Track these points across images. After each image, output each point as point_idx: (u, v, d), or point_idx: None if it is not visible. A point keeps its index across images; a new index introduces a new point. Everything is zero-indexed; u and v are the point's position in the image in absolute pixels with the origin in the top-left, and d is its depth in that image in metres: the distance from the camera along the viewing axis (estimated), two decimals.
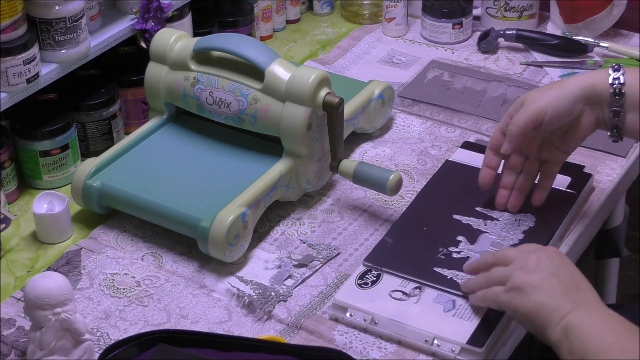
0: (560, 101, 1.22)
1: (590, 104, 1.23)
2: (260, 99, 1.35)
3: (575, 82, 1.24)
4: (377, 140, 1.55)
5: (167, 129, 1.46)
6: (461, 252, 1.26)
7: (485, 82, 1.68)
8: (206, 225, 1.26)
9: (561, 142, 1.28)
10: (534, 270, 1.09)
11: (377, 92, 1.52)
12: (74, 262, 1.32)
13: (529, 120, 1.23)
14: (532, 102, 1.23)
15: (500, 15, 1.81)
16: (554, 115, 1.23)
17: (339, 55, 1.78)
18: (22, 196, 1.45)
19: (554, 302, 1.07)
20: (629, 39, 1.80)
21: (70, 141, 1.45)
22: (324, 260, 1.31)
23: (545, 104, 1.22)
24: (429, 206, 1.36)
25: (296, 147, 1.35)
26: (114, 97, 1.51)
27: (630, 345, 1.01)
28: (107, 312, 1.24)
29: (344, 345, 1.18)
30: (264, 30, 1.83)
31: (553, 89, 1.24)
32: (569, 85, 1.23)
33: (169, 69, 1.42)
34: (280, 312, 1.23)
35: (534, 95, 1.24)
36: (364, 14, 1.88)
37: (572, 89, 1.23)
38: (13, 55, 1.33)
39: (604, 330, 1.04)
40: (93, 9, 1.47)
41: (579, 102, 1.23)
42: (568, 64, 1.73)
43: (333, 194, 1.44)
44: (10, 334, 1.21)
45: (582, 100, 1.23)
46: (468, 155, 1.45)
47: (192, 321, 1.22)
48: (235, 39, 1.39)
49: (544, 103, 1.23)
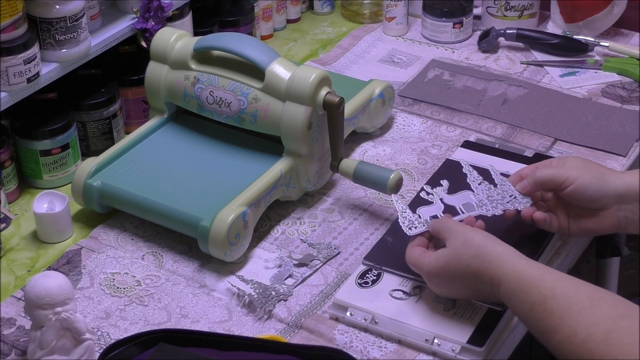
0: (592, 184, 1.20)
1: (624, 202, 1.20)
2: (261, 99, 1.35)
3: (619, 176, 1.21)
4: (378, 139, 1.55)
5: (167, 128, 1.46)
6: (431, 195, 1.25)
7: (486, 82, 1.68)
8: (207, 224, 1.26)
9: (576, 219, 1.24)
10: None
11: (378, 92, 1.52)
12: (74, 262, 1.32)
13: (552, 179, 1.22)
14: (570, 168, 1.22)
15: (501, 15, 1.81)
16: (578, 192, 1.20)
17: (340, 54, 1.78)
18: (23, 195, 1.45)
19: None
20: (630, 38, 1.80)
21: (70, 140, 1.45)
22: (325, 260, 1.31)
23: (577, 177, 1.20)
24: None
25: (296, 146, 1.35)
26: (115, 96, 1.51)
27: None
28: (107, 312, 1.24)
29: (345, 345, 1.18)
30: (265, 29, 1.83)
31: (595, 169, 1.22)
32: (612, 176, 1.21)
33: (170, 69, 1.42)
34: (280, 311, 1.23)
35: (576, 163, 1.23)
36: (364, 13, 1.88)
37: (613, 181, 1.20)
38: (13, 55, 1.33)
39: None
40: (93, 9, 1.47)
41: (612, 198, 1.20)
42: (568, 63, 1.73)
43: (333, 193, 1.44)
44: (11, 334, 1.21)
45: (615, 198, 1.20)
46: (468, 155, 1.44)
47: (193, 320, 1.22)
48: (235, 39, 1.39)
49: (577, 175, 1.20)
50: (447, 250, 1.14)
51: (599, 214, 1.22)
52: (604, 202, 1.21)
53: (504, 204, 1.25)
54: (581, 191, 1.21)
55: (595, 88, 1.67)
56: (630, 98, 1.63)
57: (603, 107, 1.61)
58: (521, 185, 1.25)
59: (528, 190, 1.25)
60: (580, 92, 1.66)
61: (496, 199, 1.26)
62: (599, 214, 1.22)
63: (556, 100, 1.63)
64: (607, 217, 1.22)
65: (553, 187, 1.23)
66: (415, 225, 1.21)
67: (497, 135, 1.55)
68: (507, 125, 1.57)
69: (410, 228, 1.21)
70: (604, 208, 1.21)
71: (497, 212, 1.25)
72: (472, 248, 1.12)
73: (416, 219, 1.22)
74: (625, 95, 1.64)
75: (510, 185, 1.26)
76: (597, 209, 1.22)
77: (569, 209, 1.25)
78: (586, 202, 1.22)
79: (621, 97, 1.64)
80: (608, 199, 1.21)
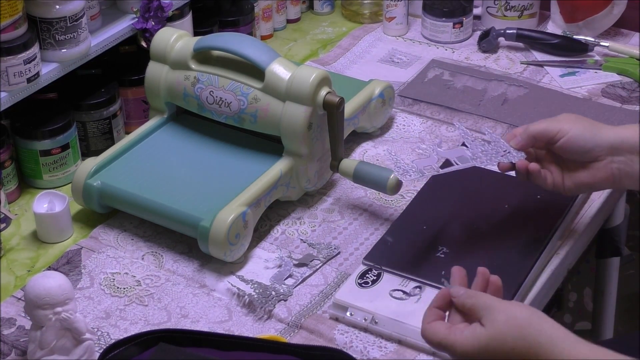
0: (584, 135, 1.21)
1: (617, 154, 1.20)
2: (261, 99, 1.35)
3: (611, 129, 1.22)
4: (378, 139, 1.55)
5: (167, 128, 1.46)
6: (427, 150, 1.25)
7: (486, 82, 1.68)
8: (206, 224, 1.26)
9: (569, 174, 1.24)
10: None
11: (378, 92, 1.52)
12: (74, 262, 1.32)
13: (545, 132, 1.22)
14: (562, 121, 1.22)
15: (501, 15, 1.81)
16: (571, 143, 1.21)
17: (340, 54, 1.78)
18: (23, 195, 1.45)
19: None
20: (630, 38, 1.80)
21: (70, 140, 1.45)
22: (325, 260, 1.31)
23: (569, 129, 1.21)
24: (429, 205, 1.36)
25: (296, 146, 1.35)
26: (115, 96, 1.51)
27: None
28: (107, 312, 1.24)
29: (345, 345, 1.18)
30: (265, 29, 1.83)
31: (588, 122, 1.22)
32: (604, 128, 1.22)
33: (170, 69, 1.42)
34: (280, 311, 1.23)
35: (568, 117, 1.23)
36: (364, 13, 1.88)
37: (605, 133, 1.21)
38: (13, 55, 1.33)
39: None
40: (93, 8, 1.47)
41: (604, 149, 1.20)
42: (568, 63, 1.73)
43: (333, 193, 1.44)
44: (11, 334, 1.21)
45: (608, 149, 1.20)
46: None
47: (193, 320, 1.22)
48: (235, 39, 1.39)
49: (569, 127, 1.21)
50: (487, 330, 1.00)
51: (593, 166, 1.22)
52: (596, 152, 1.21)
53: (498, 157, 1.25)
54: (573, 142, 1.21)
55: (595, 88, 1.67)
56: (630, 98, 1.63)
57: (603, 107, 1.61)
58: (515, 141, 1.24)
59: (521, 145, 1.24)
60: (580, 92, 1.66)
61: (490, 153, 1.25)
62: (593, 166, 1.22)
63: (556, 100, 1.63)
64: (601, 170, 1.21)
65: (546, 140, 1.22)
66: (409, 174, 1.21)
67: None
68: (507, 125, 1.57)
69: (404, 175, 1.21)
70: (596, 160, 1.21)
71: (491, 163, 1.24)
72: (517, 328, 0.99)
73: (411, 167, 1.22)
74: (625, 95, 1.64)
75: (504, 142, 1.25)
76: (590, 162, 1.22)
77: (562, 164, 1.24)
78: (578, 153, 1.21)
79: (621, 97, 1.64)
80: (600, 149, 1.20)
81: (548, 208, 1.33)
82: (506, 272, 1.23)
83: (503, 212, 1.33)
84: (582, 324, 2.00)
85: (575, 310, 2.01)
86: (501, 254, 1.26)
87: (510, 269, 1.23)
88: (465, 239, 1.29)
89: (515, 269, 1.24)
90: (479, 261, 1.25)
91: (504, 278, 1.22)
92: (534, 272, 1.26)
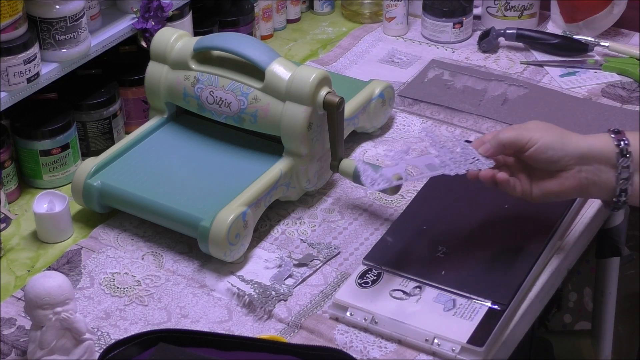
0: (554, 144, 1.20)
1: (585, 163, 1.20)
2: (261, 99, 1.35)
3: (581, 138, 1.21)
4: (378, 139, 1.55)
5: (167, 128, 1.46)
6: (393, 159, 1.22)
7: (486, 82, 1.68)
8: (207, 224, 1.26)
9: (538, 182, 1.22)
10: None
11: (378, 92, 1.52)
12: (74, 262, 1.32)
13: (516, 140, 1.20)
14: (532, 129, 1.21)
15: (501, 15, 1.81)
16: (541, 152, 1.19)
17: (340, 54, 1.78)
18: (23, 195, 1.45)
19: None
20: (630, 38, 1.80)
21: (70, 140, 1.45)
22: (325, 260, 1.31)
23: (540, 137, 1.20)
24: (429, 205, 1.36)
25: (296, 146, 1.35)
26: (115, 96, 1.51)
27: None
28: (107, 312, 1.24)
29: (345, 345, 1.18)
30: (265, 29, 1.83)
31: (558, 131, 1.22)
32: (574, 137, 1.21)
33: (170, 69, 1.42)
34: (280, 311, 1.23)
35: (538, 125, 1.22)
36: (364, 13, 1.88)
37: (575, 142, 1.20)
38: (13, 55, 1.33)
39: None
40: (93, 9, 1.47)
41: (573, 158, 1.20)
42: (568, 63, 1.73)
43: (333, 193, 1.44)
44: (11, 334, 1.21)
45: (577, 158, 1.20)
46: None
47: (193, 320, 1.22)
48: (235, 39, 1.39)
49: (539, 136, 1.20)
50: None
51: (561, 175, 1.21)
52: (565, 162, 1.20)
53: (467, 165, 1.22)
54: (543, 151, 1.20)
55: (595, 88, 1.67)
56: (630, 98, 1.63)
57: (603, 107, 1.61)
58: (484, 149, 1.23)
59: (490, 152, 1.22)
60: (580, 92, 1.66)
61: (459, 161, 1.23)
62: (561, 175, 1.21)
63: (556, 100, 1.63)
64: (570, 179, 1.21)
65: (516, 149, 1.21)
66: (378, 182, 1.19)
67: None
68: (507, 125, 1.57)
69: (372, 184, 1.19)
70: (565, 169, 1.20)
71: (460, 171, 1.22)
72: None
73: (379, 176, 1.20)
74: (625, 95, 1.64)
75: (473, 149, 1.23)
76: (559, 171, 1.21)
77: (531, 172, 1.23)
78: (548, 162, 1.20)
79: (621, 97, 1.64)
80: (570, 158, 1.20)
81: (548, 208, 1.33)
82: (506, 272, 1.23)
83: (503, 212, 1.33)
84: (582, 324, 2.00)
85: (575, 310, 2.01)
86: (501, 254, 1.26)
87: (510, 269, 1.23)
88: (465, 239, 1.29)
89: (516, 268, 1.24)
90: (478, 261, 1.25)
91: (504, 278, 1.22)
92: (534, 272, 1.26)
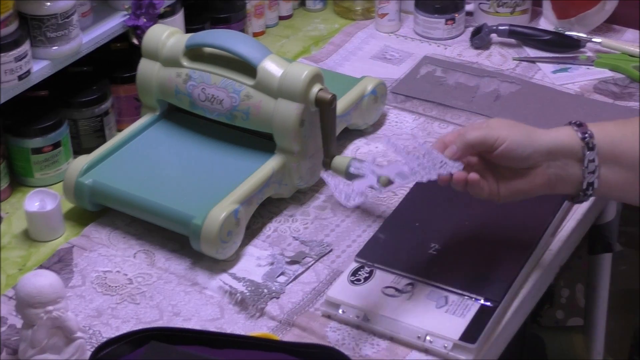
0: (523, 142, 1.17)
1: (553, 159, 1.18)
2: (253, 96, 1.35)
3: (546, 132, 1.19)
4: (370, 136, 1.55)
5: (159, 125, 1.46)
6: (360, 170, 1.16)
7: (478, 78, 1.68)
8: (198, 222, 1.26)
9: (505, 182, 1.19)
10: None
11: (370, 88, 1.52)
12: (65, 260, 1.31)
13: (483, 140, 1.17)
14: (498, 128, 1.18)
15: (493, 11, 1.81)
16: (510, 151, 1.16)
17: (332, 51, 1.78)
18: (14, 194, 1.45)
19: None
20: (622, 34, 1.80)
21: (62, 138, 1.45)
22: (317, 257, 1.31)
23: (507, 136, 1.16)
24: (421, 202, 1.35)
25: (289, 143, 1.35)
26: (106, 94, 1.51)
27: None
28: (99, 310, 1.24)
29: (337, 342, 1.18)
30: (257, 26, 1.82)
31: (523, 127, 1.19)
32: (539, 132, 1.18)
33: (161, 66, 1.42)
34: (272, 309, 1.23)
35: (503, 123, 1.19)
36: (356, 9, 1.88)
37: (541, 138, 1.18)
38: (4, 52, 1.32)
39: None
40: (84, 6, 1.47)
41: (541, 155, 1.17)
42: (561, 60, 1.73)
43: (326, 191, 1.43)
44: (2, 332, 1.20)
45: (545, 154, 1.17)
46: None
47: (185, 319, 1.22)
48: (227, 35, 1.39)
49: (506, 134, 1.16)
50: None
51: (530, 173, 1.18)
52: (534, 159, 1.17)
53: (436, 169, 1.18)
54: (512, 149, 1.16)
55: (587, 84, 1.67)
56: (622, 94, 1.64)
57: (595, 103, 1.61)
58: (450, 151, 1.18)
59: (458, 155, 1.18)
60: (573, 88, 1.66)
61: (427, 166, 1.18)
62: (530, 173, 1.18)
63: (548, 97, 1.63)
64: (538, 176, 1.18)
65: (483, 148, 1.17)
66: (353, 198, 1.14)
67: None
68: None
69: (348, 200, 1.15)
70: (533, 166, 1.18)
71: (431, 177, 1.18)
72: None
73: (352, 190, 1.14)
74: (618, 91, 1.64)
75: (438, 153, 1.19)
76: (526, 168, 1.18)
77: (497, 172, 1.19)
78: (517, 160, 1.17)
79: (613, 93, 1.64)
80: (538, 155, 1.17)
81: (540, 204, 1.32)
82: (498, 269, 1.23)
83: (495, 209, 1.33)
84: (574, 320, 2.00)
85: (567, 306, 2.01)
86: (493, 251, 1.26)
87: (502, 265, 1.24)
88: (457, 235, 1.29)
89: (508, 265, 1.24)
90: (470, 257, 1.25)
91: (496, 275, 1.22)
92: (527, 269, 1.26)
